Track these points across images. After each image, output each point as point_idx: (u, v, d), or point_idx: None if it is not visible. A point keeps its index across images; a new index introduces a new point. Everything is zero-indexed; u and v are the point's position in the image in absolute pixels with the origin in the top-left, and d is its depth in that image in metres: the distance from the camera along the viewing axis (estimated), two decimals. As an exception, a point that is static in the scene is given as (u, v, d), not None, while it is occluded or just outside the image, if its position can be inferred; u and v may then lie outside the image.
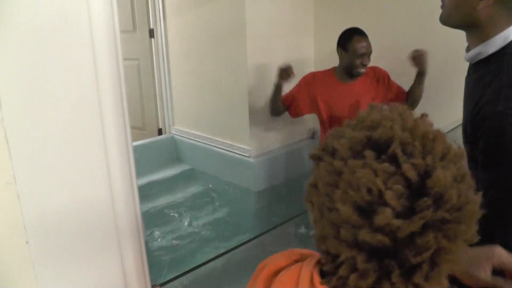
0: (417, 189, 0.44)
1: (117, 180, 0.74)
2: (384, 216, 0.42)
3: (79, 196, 0.70)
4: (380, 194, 0.43)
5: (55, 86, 0.65)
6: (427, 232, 0.43)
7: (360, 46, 2.03)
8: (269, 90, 2.75)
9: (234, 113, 2.72)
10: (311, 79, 2.28)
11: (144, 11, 3.13)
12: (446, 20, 0.93)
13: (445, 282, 0.46)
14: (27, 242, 0.65)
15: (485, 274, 0.61)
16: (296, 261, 0.60)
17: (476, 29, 0.89)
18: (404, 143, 0.45)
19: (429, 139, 0.46)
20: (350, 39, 2.06)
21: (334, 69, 2.23)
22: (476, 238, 0.46)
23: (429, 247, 0.43)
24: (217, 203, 2.76)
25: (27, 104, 0.62)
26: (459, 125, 1.30)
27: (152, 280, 0.86)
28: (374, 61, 2.38)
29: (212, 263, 1.22)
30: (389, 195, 0.43)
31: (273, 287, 0.57)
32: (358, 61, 2.04)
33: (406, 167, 0.43)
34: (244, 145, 2.72)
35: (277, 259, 0.61)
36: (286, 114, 2.86)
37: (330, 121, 2.21)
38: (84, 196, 0.71)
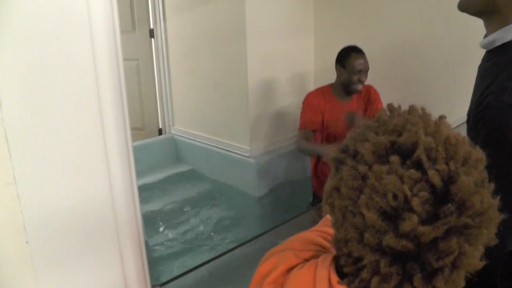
0: (441, 195, 0.44)
1: (117, 180, 0.74)
2: (410, 223, 0.43)
3: (79, 196, 0.70)
4: (406, 200, 0.43)
5: (55, 86, 0.65)
6: (450, 237, 0.43)
7: (358, 63, 2.10)
8: (269, 90, 2.75)
9: (234, 113, 2.72)
10: (311, 99, 2.29)
11: (144, 11, 3.13)
12: (465, 6, 0.91)
13: (462, 283, 0.46)
14: (27, 242, 0.65)
15: None
16: (306, 260, 0.59)
17: (495, 15, 0.86)
18: (428, 148, 0.45)
19: (451, 144, 0.46)
20: (348, 56, 2.14)
21: (331, 86, 2.28)
22: (495, 241, 0.46)
23: (451, 252, 0.43)
24: (217, 203, 2.76)
25: (27, 104, 0.62)
26: (460, 124, 1.29)
27: (152, 280, 0.86)
28: (375, 60, 2.38)
29: (212, 263, 1.22)
30: (415, 202, 0.43)
31: (287, 286, 0.56)
32: (355, 78, 2.12)
33: (432, 173, 0.43)
34: (244, 145, 2.72)
35: (288, 258, 0.60)
36: (282, 110, 2.85)
37: (326, 138, 2.27)
38: (84, 196, 0.71)
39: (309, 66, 2.94)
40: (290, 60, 2.81)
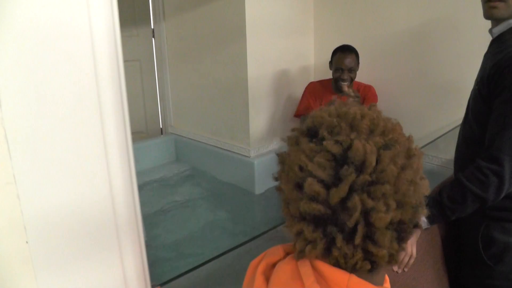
0: (341, 161, 0.49)
1: (117, 180, 0.74)
2: (308, 184, 0.49)
3: (79, 196, 0.70)
4: (306, 168, 0.50)
5: (55, 86, 0.65)
6: (353, 195, 0.48)
7: (340, 61, 2.23)
8: (268, 89, 2.75)
9: (234, 113, 2.72)
10: (312, 87, 2.48)
11: (145, 11, 3.13)
12: (493, 17, 1.13)
13: (395, 246, 0.50)
14: (27, 242, 0.65)
15: None
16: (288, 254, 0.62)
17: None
18: (331, 126, 0.52)
19: (356, 119, 0.51)
20: (334, 55, 2.29)
21: (332, 79, 2.39)
22: (412, 197, 0.49)
23: (356, 208, 0.48)
24: (217, 203, 2.76)
25: (27, 104, 0.62)
26: (457, 126, 1.31)
27: (152, 280, 0.86)
28: (375, 59, 2.38)
29: (212, 263, 1.22)
30: (311, 167, 0.49)
31: (272, 278, 0.58)
32: (337, 75, 2.26)
33: (328, 143, 0.50)
34: (244, 145, 2.72)
35: (277, 250, 0.63)
36: (285, 112, 2.86)
37: None
38: (84, 196, 0.71)
39: (309, 66, 2.94)
40: (290, 60, 2.81)
